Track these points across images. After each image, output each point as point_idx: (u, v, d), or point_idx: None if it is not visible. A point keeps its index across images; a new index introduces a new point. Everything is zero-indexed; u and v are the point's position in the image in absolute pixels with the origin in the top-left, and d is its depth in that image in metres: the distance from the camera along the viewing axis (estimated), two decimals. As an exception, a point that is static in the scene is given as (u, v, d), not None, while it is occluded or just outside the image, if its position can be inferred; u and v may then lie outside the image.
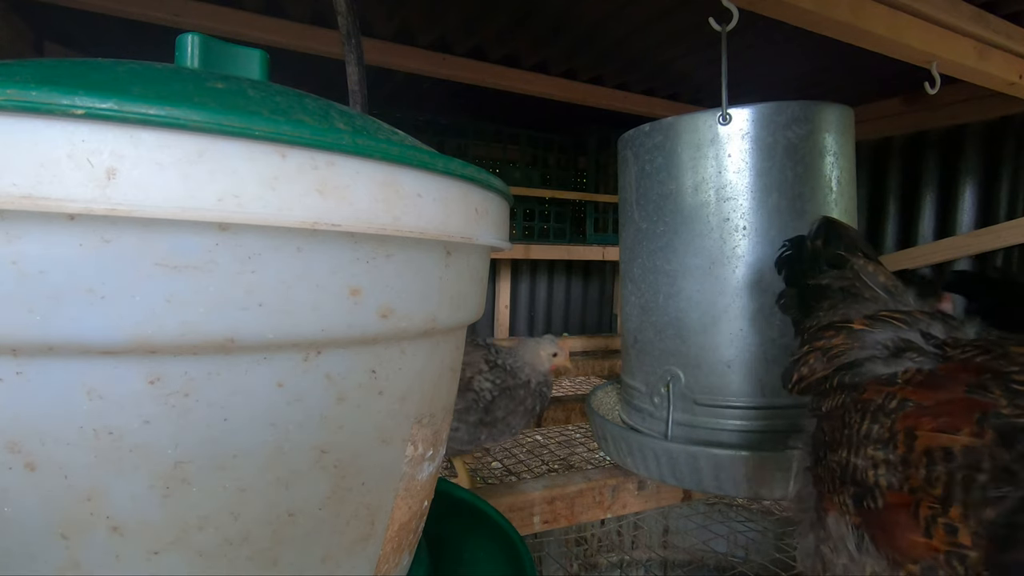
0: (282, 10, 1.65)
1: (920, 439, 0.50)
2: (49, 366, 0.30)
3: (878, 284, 0.72)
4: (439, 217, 0.39)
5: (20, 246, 0.28)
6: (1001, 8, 1.50)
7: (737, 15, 0.99)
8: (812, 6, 1.13)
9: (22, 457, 0.31)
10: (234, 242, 0.31)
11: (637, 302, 1.18)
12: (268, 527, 0.37)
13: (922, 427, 0.51)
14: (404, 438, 0.45)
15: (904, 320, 0.63)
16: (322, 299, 0.35)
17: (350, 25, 0.69)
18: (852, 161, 1.08)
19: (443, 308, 0.44)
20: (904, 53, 1.36)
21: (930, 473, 0.49)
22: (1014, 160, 2.12)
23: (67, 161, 0.27)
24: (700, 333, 1.06)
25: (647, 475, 1.10)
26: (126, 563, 0.34)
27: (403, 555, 0.51)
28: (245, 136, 0.30)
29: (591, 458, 1.62)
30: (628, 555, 1.99)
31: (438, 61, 1.90)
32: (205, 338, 0.32)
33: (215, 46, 0.45)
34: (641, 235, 1.15)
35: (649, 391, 1.15)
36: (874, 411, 0.57)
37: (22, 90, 0.26)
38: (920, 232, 2.35)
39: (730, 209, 1.02)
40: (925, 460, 0.49)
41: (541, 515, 1.10)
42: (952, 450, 0.48)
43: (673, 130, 1.08)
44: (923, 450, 0.50)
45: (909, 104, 2.33)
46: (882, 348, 0.61)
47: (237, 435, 0.34)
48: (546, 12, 1.68)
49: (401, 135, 0.47)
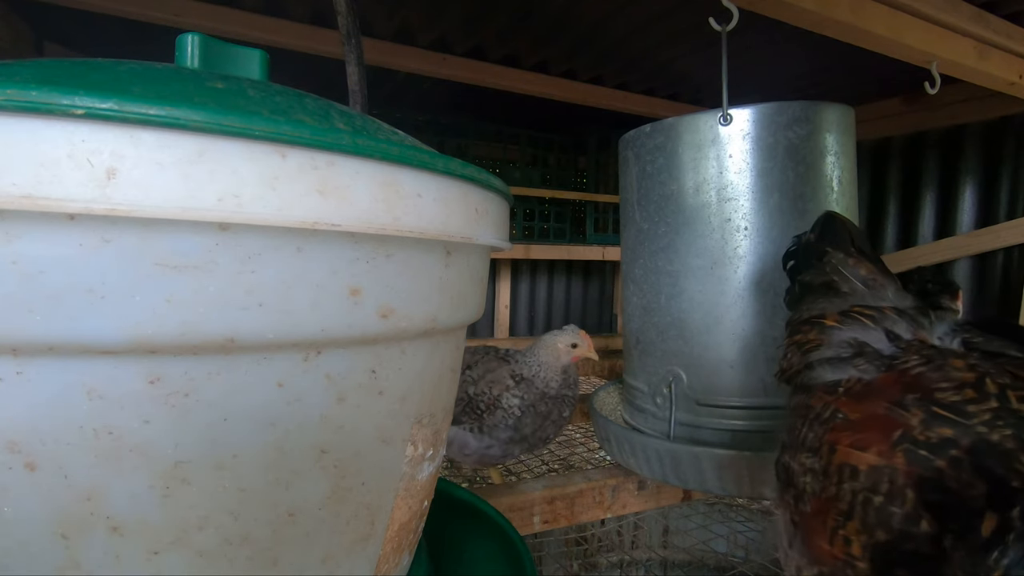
0: (282, 10, 1.65)
1: (838, 453, 0.53)
2: (49, 366, 0.30)
3: (858, 277, 0.71)
4: (439, 217, 0.39)
5: (20, 246, 0.28)
6: (1001, 8, 1.50)
7: (737, 15, 0.98)
8: (812, 6, 1.13)
9: (22, 457, 0.31)
10: (234, 242, 0.31)
11: (639, 303, 1.18)
12: (268, 527, 0.37)
13: (841, 442, 0.53)
14: (404, 438, 0.45)
15: (873, 317, 0.63)
16: (322, 299, 0.35)
17: (350, 25, 0.69)
18: (853, 161, 1.08)
19: (443, 308, 0.44)
20: (904, 53, 1.36)
21: (839, 487, 0.51)
22: (1014, 160, 2.12)
23: (67, 161, 0.27)
24: (702, 333, 1.06)
25: (650, 476, 1.10)
26: (126, 563, 0.34)
27: (403, 555, 0.51)
28: (245, 136, 0.30)
29: (591, 458, 1.62)
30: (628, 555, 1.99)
31: (438, 61, 1.90)
32: (205, 338, 0.32)
33: (215, 46, 0.45)
34: (643, 236, 1.15)
35: (651, 391, 1.15)
36: (812, 419, 0.60)
37: (22, 90, 0.26)
38: (920, 232, 2.35)
39: (731, 210, 1.02)
40: (837, 474, 0.52)
41: (541, 515, 1.10)
42: (858, 469, 0.50)
43: (674, 131, 1.08)
44: (838, 464, 0.52)
45: (909, 104, 2.33)
46: (847, 347, 0.62)
47: (237, 435, 0.34)
48: (546, 12, 1.68)
49: (401, 135, 0.47)
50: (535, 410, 1.13)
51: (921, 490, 0.44)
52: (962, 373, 0.50)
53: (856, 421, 0.54)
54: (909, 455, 0.47)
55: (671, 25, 1.74)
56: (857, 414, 0.54)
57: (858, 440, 0.52)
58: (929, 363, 0.53)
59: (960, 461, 0.44)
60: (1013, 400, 0.46)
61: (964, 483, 0.42)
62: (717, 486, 1.00)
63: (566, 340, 1.17)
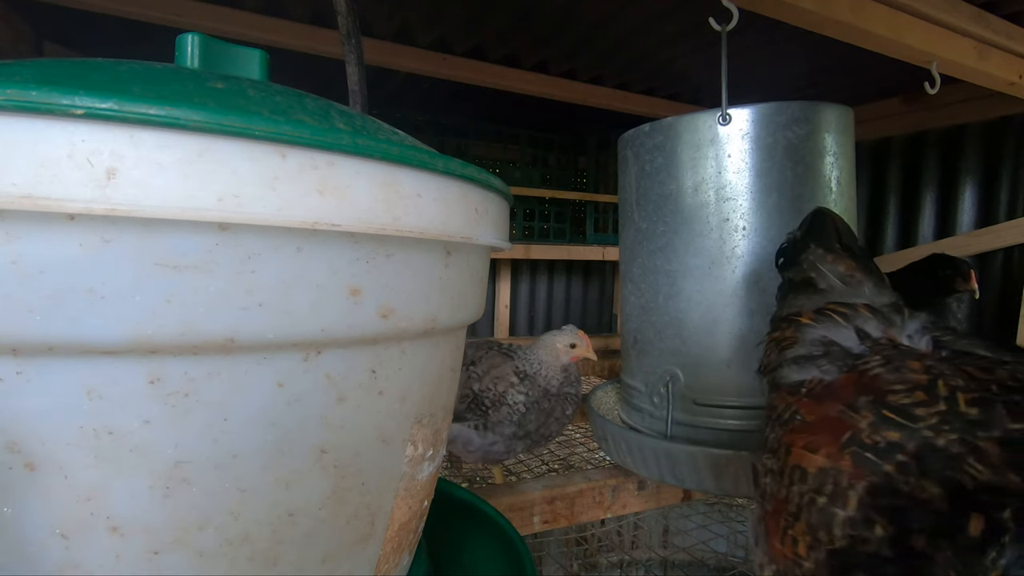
0: (282, 10, 1.65)
1: (792, 455, 0.54)
2: (49, 366, 0.30)
3: (836, 274, 0.71)
4: (439, 217, 0.39)
5: (20, 246, 0.28)
6: (1001, 8, 1.50)
7: (737, 15, 0.99)
8: (812, 6, 1.13)
9: (22, 457, 0.31)
10: (234, 242, 0.31)
11: (637, 302, 1.18)
12: (268, 527, 0.37)
13: (795, 443, 0.54)
14: (404, 438, 0.45)
15: (845, 315, 0.63)
16: (322, 299, 0.35)
17: (350, 25, 0.69)
18: (852, 161, 1.08)
19: (443, 308, 0.44)
20: (904, 53, 1.36)
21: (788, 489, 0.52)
22: (1014, 160, 2.12)
23: (67, 161, 0.27)
24: (700, 333, 1.06)
25: (647, 475, 1.10)
26: (126, 563, 0.34)
27: (403, 555, 0.51)
28: (245, 136, 0.30)
29: (591, 458, 1.62)
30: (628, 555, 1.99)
31: (438, 61, 1.90)
32: (205, 338, 0.32)
33: (215, 46, 0.45)
34: (641, 235, 1.15)
35: (649, 391, 1.15)
36: (774, 420, 0.61)
37: (22, 90, 0.26)
38: (920, 232, 2.35)
39: (730, 209, 1.02)
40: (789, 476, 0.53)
41: (541, 515, 1.10)
42: (807, 471, 0.51)
43: (673, 130, 1.08)
44: (791, 466, 0.53)
45: (909, 104, 2.33)
46: (818, 345, 0.63)
47: (237, 435, 0.34)
48: (546, 12, 1.68)
49: (401, 135, 0.47)
50: (539, 407, 1.13)
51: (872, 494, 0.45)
52: (917, 375, 0.50)
53: (811, 423, 0.54)
54: (856, 458, 0.47)
55: (671, 25, 1.74)
56: (813, 416, 0.55)
57: (810, 442, 0.52)
58: (888, 364, 0.54)
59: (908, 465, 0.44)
60: (962, 403, 0.46)
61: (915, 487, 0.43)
62: (714, 486, 1.00)
63: (564, 340, 1.16)
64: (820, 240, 0.76)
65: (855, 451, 0.47)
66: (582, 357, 1.18)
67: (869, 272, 0.70)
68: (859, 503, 0.45)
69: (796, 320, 0.67)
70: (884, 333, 0.60)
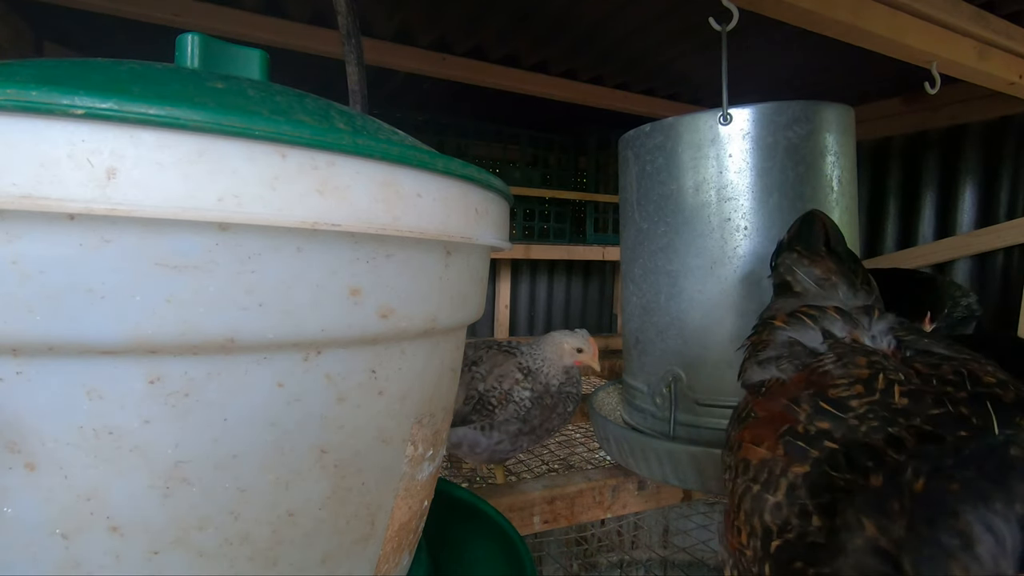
0: (282, 10, 1.65)
1: (741, 449, 0.56)
2: (49, 366, 0.30)
3: (812, 277, 0.72)
4: (439, 217, 0.39)
5: (20, 246, 0.28)
6: (1001, 8, 1.50)
7: (737, 15, 0.98)
8: (812, 6, 1.13)
9: (22, 457, 0.31)
10: (234, 242, 0.31)
11: (638, 302, 1.18)
12: (268, 527, 0.37)
13: (745, 438, 0.56)
14: (404, 438, 0.45)
15: (813, 317, 0.64)
16: (322, 299, 0.35)
17: (350, 25, 0.69)
18: (853, 161, 1.08)
19: (443, 308, 0.44)
20: (904, 53, 1.36)
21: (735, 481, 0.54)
22: (1014, 160, 2.12)
23: (67, 161, 0.27)
24: (702, 333, 1.06)
25: (650, 476, 1.10)
26: (126, 563, 0.34)
27: (403, 555, 0.51)
28: (245, 136, 0.30)
29: (591, 458, 1.62)
30: (628, 555, 1.99)
31: (438, 61, 1.90)
32: (205, 338, 0.32)
33: (215, 46, 0.45)
34: (642, 235, 1.15)
35: (651, 391, 1.15)
36: (735, 418, 0.63)
37: (22, 90, 0.26)
38: (920, 232, 2.35)
39: (731, 209, 1.02)
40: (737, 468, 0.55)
41: (541, 515, 1.10)
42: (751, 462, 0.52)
43: (674, 130, 1.07)
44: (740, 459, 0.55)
45: (909, 104, 2.33)
46: (786, 347, 0.64)
47: (237, 435, 0.34)
48: (546, 12, 1.68)
49: (401, 135, 0.47)
50: (542, 402, 1.13)
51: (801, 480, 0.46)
52: (860, 370, 0.52)
53: (761, 419, 0.56)
54: (788, 446, 0.49)
55: (671, 25, 1.74)
56: (764, 412, 0.57)
57: (756, 436, 0.54)
58: (838, 361, 0.55)
59: (835, 453, 0.45)
60: (896, 395, 0.47)
61: (841, 472, 0.44)
62: (717, 486, 1.00)
63: (573, 343, 1.16)
64: (805, 243, 0.77)
65: (788, 440, 0.49)
66: (586, 364, 1.17)
67: (848, 275, 0.70)
68: (787, 489, 0.47)
69: (771, 323, 0.68)
70: (849, 334, 0.61)
